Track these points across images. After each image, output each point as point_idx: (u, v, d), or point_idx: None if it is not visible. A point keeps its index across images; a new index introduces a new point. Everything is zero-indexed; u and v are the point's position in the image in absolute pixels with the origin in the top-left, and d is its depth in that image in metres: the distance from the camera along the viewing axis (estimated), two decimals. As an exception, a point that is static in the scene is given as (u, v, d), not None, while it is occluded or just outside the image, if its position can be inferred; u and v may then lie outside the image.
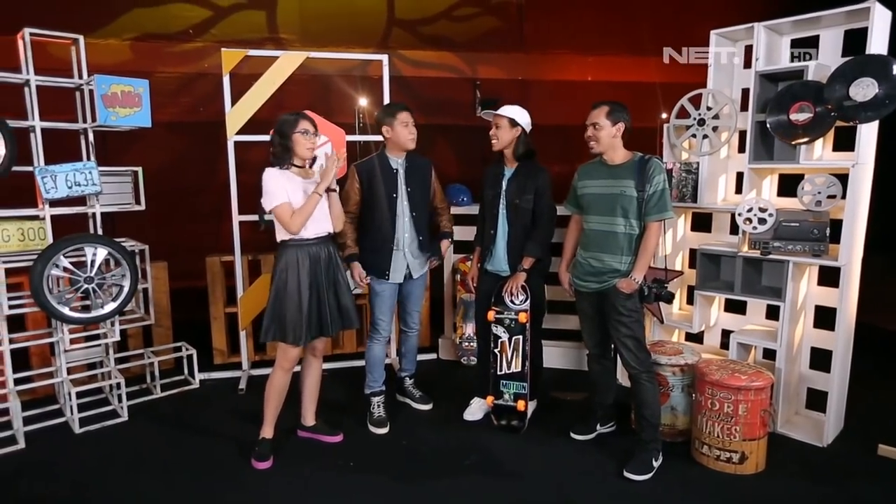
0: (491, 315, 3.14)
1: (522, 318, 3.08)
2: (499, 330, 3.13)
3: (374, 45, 6.39)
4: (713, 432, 2.72)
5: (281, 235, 2.75)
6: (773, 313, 3.16)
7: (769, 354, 3.18)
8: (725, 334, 3.43)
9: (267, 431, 2.89)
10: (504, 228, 3.11)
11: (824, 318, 3.10)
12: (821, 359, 3.10)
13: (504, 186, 3.10)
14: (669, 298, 2.66)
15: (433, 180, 3.31)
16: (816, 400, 3.16)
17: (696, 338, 3.65)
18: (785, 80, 3.03)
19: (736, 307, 3.48)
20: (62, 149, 3.43)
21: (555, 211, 3.11)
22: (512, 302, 3.11)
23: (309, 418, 3.09)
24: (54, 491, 2.62)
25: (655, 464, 2.72)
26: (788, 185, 3.15)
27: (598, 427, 3.07)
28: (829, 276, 3.00)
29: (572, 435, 3.05)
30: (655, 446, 2.75)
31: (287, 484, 2.67)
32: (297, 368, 3.01)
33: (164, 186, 5.75)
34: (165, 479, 2.70)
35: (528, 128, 3.07)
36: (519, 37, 6.86)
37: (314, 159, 2.92)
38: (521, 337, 3.10)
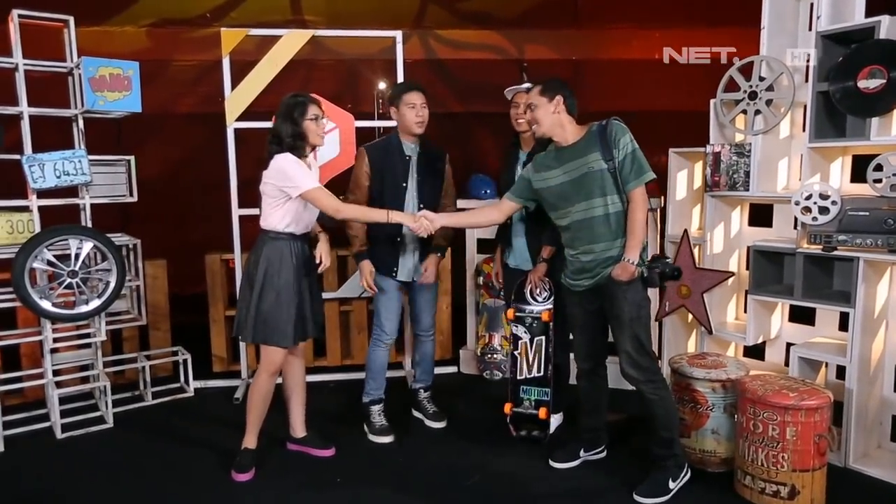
0: (511, 313, 3.19)
1: (545, 316, 3.11)
2: (519, 330, 3.18)
3: (408, 25, 6.49)
4: (757, 460, 2.60)
5: (269, 225, 2.82)
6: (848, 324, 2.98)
7: (843, 373, 3.01)
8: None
9: (250, 441, 2.98)
10: (522, 218, 3.18)
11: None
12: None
13: (519, 172, 3.11)
14: (676, 274, 2.63)
15: (447, 173, 3.35)
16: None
17: (757, 353, 3.50)
18: (857, 43, 2.88)
19: (804, 316, 3.32)
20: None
21: None
22: (534, 299, 3.13)
23: (298, 429, 3.17)
24: (17, 498, 2.80)
25: (673, 485, 2.64)
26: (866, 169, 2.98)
27: (581, 453, 2.98)
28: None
29: (551, 463, 2.96)
30: (673, 464, 2.67)
31: (267, 499, 2.75)
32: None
33: (182, 181, 6.11)
34: (137, 492, 2.83)
35: None
36: (572, 10, 6.80)
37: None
38: (543, 338, 3.14)
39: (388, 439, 3.24)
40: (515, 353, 3.20)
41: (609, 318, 2.70)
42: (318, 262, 2.96)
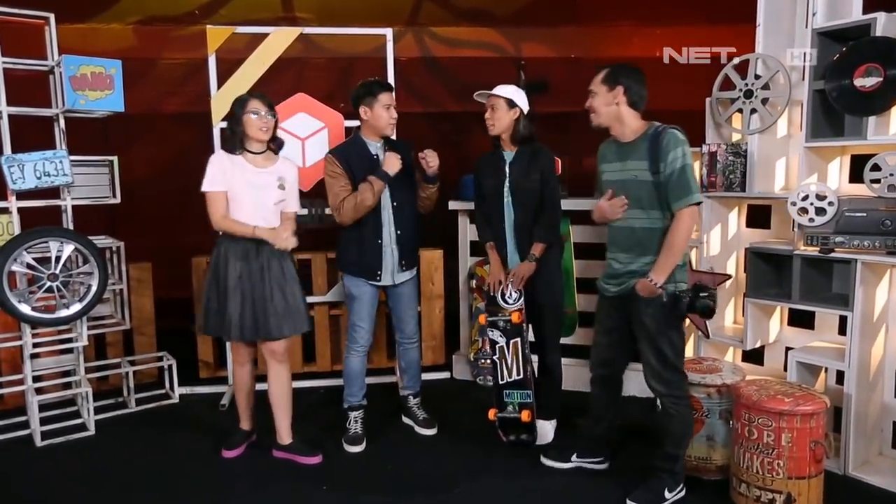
0: (482, 319, 3.25)
1: (515, 318, 3.14)
2: (495, 334, 3.22)
3: (402, 22, 6.50)
4: (752, 467, 2.60)
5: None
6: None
7: (843, 378, 3.01)
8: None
9: (242, 423, 3.28)
10: (510, 218, 3.21)
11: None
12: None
13: (507, 172, 3.18)
14: (705, 310, 2.46)
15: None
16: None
17: (757, 358, 3.51)
18: (853, 40, 2.89)
19: (804, 320, 3.33)
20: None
21: (560, 198, 3.25)
22: (505, 301, 3.17)
23: (284, 436, 3.18)
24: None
25: (669, 495, 2.65)
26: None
27: (573, 457, 2.99)
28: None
29: (542, 460, 3.02)
30: (672, 476, 2.67)
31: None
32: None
33: (170, 182, 6.10)
34: (119, 502, 2.84)
35: (525, 109, 3.17)
36: (571, 6, 6.82)
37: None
38: (518, 339, 3.17)
39: (357, 448, 3.26)
40: (495, 357, 3.24)
41: (634, 329, 2.67)
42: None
